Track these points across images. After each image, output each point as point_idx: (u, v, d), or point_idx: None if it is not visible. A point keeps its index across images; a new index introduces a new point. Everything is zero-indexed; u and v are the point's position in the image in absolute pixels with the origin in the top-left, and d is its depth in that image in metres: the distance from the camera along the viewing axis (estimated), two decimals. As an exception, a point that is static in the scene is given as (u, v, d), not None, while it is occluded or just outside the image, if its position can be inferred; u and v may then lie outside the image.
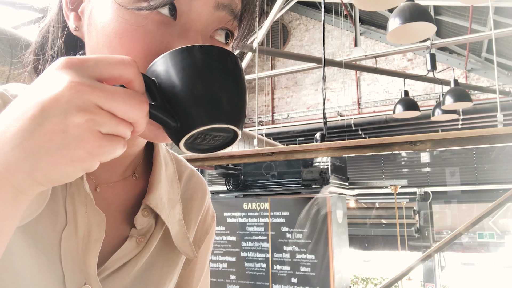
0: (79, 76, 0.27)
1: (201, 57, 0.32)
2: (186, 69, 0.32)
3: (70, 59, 0.28)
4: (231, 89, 0.33)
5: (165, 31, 0.37)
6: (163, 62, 0.33)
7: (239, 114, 0.34)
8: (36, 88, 0.27)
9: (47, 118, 0.26)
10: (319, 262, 3.98)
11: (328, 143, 1.94)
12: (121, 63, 0.29)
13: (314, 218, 4.10)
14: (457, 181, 7.28)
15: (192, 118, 0.32)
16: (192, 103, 0.32)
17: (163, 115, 0.32)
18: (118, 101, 0.28)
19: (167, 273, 0.51)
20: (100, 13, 0.38)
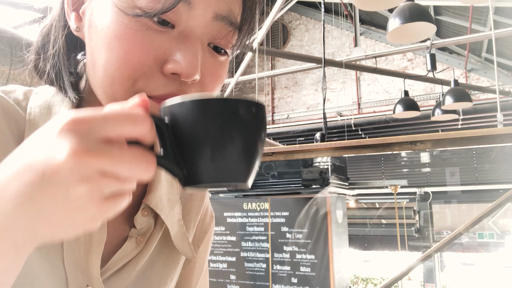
0: (83, 143, 0.25)
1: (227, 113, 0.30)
2: (206, 122, 0.30)
3: (75, 121, 0.26)
4: (249, 148, 0.32)
5: (164, 37, 0.37)
6: (183, 106, 0.30)
7: (252, 171, 0.33)
8: (38, 150, 0.26)
9: (48, 186, 0.25)
10: (319, 262, 3.98)
11: (328, 143, 1.93)
12: (133, 121, 0.28)
13: (314, 218, 4.09)
14: (457, 181, 7.28)
15: (200, 173, 0.31)
16: (204, 159, 0.30)
17: (171, 166, 0.31)
18: (124, 166, 0.27)
19: (168, 272, 0.52)
20: (101, 15, 0.38)
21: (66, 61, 0.44)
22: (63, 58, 0.44)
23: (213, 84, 0.42)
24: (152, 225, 0.49)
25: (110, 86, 0.38)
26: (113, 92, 0.39)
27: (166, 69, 0.37)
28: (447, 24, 7.39)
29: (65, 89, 0.44)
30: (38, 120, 0.42)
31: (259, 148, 0.33)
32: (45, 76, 0.45)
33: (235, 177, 0.31)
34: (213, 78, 0.42)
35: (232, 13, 0.40)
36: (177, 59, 0.37)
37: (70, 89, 0.44)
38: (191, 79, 0.38)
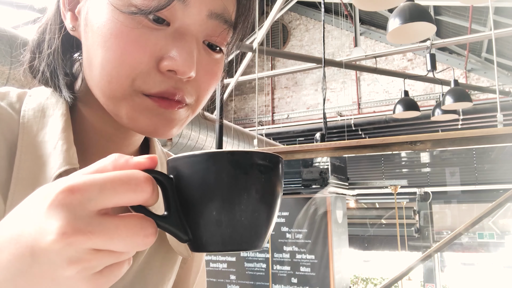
0: (74, 220, 0.23)
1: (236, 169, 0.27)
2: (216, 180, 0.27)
3: (67, 192, 0.24)
4: (264, 211, 0.29)
5: (160, 35, 0.38)
6: (191, 161, 0.28)
7: (264, 237, 0.30)
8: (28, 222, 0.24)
9: (36, 265, 0.24)
10: (319, 262, 3.98)
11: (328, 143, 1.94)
12: (131, 189, 0.25)
13: (314, 218, 4.09)
14: (457, 181, 7.28)
15: (208, 240, 0.28)
16: (213, 223, 0.27)
17: (174, 229, 0.28)
18: (118, 242, 0.25)
19: (165, 272, 0.52)
20: (96, 14, 0.38)
21: (62, 61, 0.44)
22: (58, 58, 0.44)
23: (208, 82, 0.42)
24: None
25: (108, 84, 0.38)
26: (110, 90, 0.39)
27: (162, 66, 0.37)
28: (447, 24, 7.39)
29: (60, 88, 0.44)
30: (32, 124, 0.42)
31: (275, 209, 0.30)
32: (40, 75, 0.45)
33: (246, 244, 0.29)
34: (208, 75, 0.42)
35: (226, 10, 0.40)
36: (172, 56, 0.37)
37: (65, 88, 0.43)
38: (187, 76, 0.38)
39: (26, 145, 0.40)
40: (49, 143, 0.41)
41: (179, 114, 0.41)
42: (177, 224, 0.28)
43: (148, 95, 0.39)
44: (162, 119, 0.40)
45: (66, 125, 0.42)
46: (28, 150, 0.40)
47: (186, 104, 0.41)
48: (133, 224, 0.25)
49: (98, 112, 0.44)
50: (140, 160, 0.27)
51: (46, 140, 0.41)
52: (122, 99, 0.39)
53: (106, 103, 0.40)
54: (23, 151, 0.40)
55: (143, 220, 0.26)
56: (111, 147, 0.47)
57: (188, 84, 0.40)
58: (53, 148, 0.40)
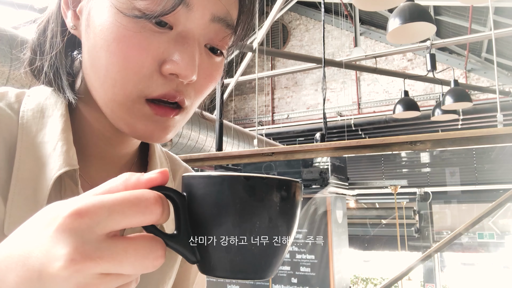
0: (83, 244, 0.23)
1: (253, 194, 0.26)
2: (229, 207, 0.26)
3: (76, 215, 0.23)
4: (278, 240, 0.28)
5: (162, 38, 0.38)
6: (206, 182, 0.27)
7: (275, 267, 0.29)
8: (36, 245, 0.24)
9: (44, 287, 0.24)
10: (319, 262, 3.98)
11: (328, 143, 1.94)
12: (141, 211, 0.25)
13: (314, 218, 4.09)
14: (457, 181, 7.27)
15: (215, 264, 0.27)
16: (221, 249, 0.27)
17: (183, 250, 0.28)
18: (126, 266, 0.24)
19: (166, 271, 0.52)
20: (99, 16, 0.38)
21: (64, 61, 0.44)
22: (61, 58, 0.44)
23: (207, 85, 0.42)
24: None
25: (112, 88, 0.39)
26: (114, 94, 0.39)
27: (164, 70, 0.38)
28: (447, 24, 7.39)
29: (63, 89, 0.43)
30: (31, 124, 0.42)
31: (289, 239, 0.28)
32: (42, 75, 0.44)
33: (255, 274, 0.27)
34: (207, 79, 0.42)
35: (229, 15, 0.40)
36: (175, 59, 0.37)
37: (69, 89, 0.43)
38: (188, 80, 0.38)
39: (26, 146, 0.40)
40: (48, 144, 0.41)
41: (174, 120, 0.41)
42: (186, 244, 0.28)
43: (150, 98, 0.39)
44: (158, 126, 0.40)
45: (66, 126, 0.42)
46: (27, 151, 0.40)
47: (183, 108, 0.41)
48: (142, 247, 0.25)
49: (98, 112, 0.44)
50: (152, 176, 0.27)
51: (45, 141, 0.41)
52: (123, 103, 0.39)
53: (105, 106, 0.40)
54: (22, 152, 0.40)
55: (152, 242, 0.26)
56: (110, 148, 0.47)
57: (188, 87, 0.40)
58: (53, 149, 0.40)
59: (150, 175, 0.27)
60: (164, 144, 3.95)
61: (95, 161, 0.47)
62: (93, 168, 0.47)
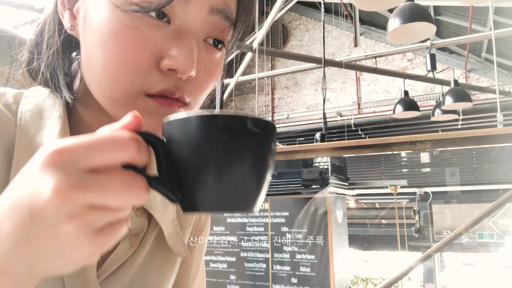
0: (66, 176, 0.24)
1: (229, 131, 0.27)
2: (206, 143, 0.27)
3: (56, 153, 0.25)
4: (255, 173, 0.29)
5: (160, 33, 0.37)
6: (181, 124, 0.28)
7: (256, 200, 0.30)
8: (23, 187, 0.25)
9: (38, 226, 0.25)
10: (319, 262, 3.98)
11: (328, 143, 1.94)
12: (118, 147, 0.26)
13: (314, 218, 4.09)
14: (457, 181, 7.27)
15: (197, 200, 0.28)
16: (202, 183, 0.28)
17: (165, 190, 0.29)
18: (111, 196, 0.25)
19: (165, 272, 0.52)
20: (95, 13, 0.38)
21: (62, 61, 0.44)
22: (58, 58, 0.43)
23: (207, 81, 0.42)
24: (145, 226, 0.49)
25: (109, 85, 0.38)
26: (111, 91, 0.38)
27: (162, 65, 0.37)
28: (447, 24, 7.39)
29: (60, 89, 0.43)
30: (29, 125, 0.42)
31: (266, 173, 0.30)
32: (40, 76, 0.44)
33: (238, 205, 0.29)
34: (207, 75, 0.42)
35: (228, 7, 0.40)
36: (173, 55, 0.37)
37: (65, 88, 0.43)
38: (187, 75, 0.38)
39: (24, 147, 0.40)
40: None
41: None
42: (168, 184, 0.29)
43: (149, 95, 0.38)
44: (161, 121, 0.40)
45: (64, 128, 0.42)
46: (25, 153, 0.40)
47: (185, 104, 0.41)
48: (124, 178, 0.26)
49: (96, 113, 0.44)
50: (127, 121, 0.28)
51: (43, 142, 0.41)
52: (124, 100, 0.38)
53: (106, 104, 0.40)
54: (20, 153, 0.40)
55: (134, 176, 0.27)
56: None
57: (188, 83, 0.40)
58: None
59: (125, 120, 0.28)
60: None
61: None
62: None
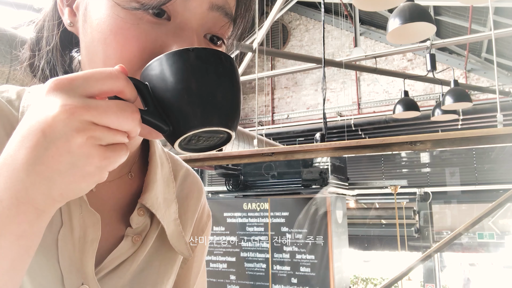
0: (70, 98, 0.28)
1: (194, 60, 0.32)
2: (178, 73, 0.32)
3: (58, 81, 0.28)
4: (224, 92, 0.33)
5: (160, 30, 0.38)
6: (156, 65, 0.33)
7: (232, 116, 0.34)
8: (33, 114, 0.28)
9: (51, 143, 0.27)
10: (319, 262, 3.98)
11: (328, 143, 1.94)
12: (109, 77, 0.30)
13: (314, 218, 4.09)
14: (457, 181, 7.27)
15: (184, 122, 0.32)
16: (184, 107, 0.32)
17: (155, 120, 0.33)
18: (111, 116, 0.29)
19: (165, 272, 0.52)
20: (95, 10, 0.38)
21: (61, 57, 0.44)
22: (57, 54, 0.44)
23: None
24: (148, 225, 0.49)
25: None
26: None
27: None
28: (447, 24, 7.39)
29: None
30: None
31: (233, 90, 0.34)
32: (40, 73, 0.45)
33: (217, 121, 0.33)
34: None
35: (227, 3, 0.40)
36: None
37: None
38: None
39: None
40: None
41: None
42: (156, 115, 0.33)
43: None
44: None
45: None
46: None
47: None
48: (120, 103, 0.30)
49: None
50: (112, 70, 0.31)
51: None
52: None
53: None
54: None
55: (128, 103, 0.30)
56: None
57: None
58: None
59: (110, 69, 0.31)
60: (165, 144, 3.95)
61: None
62: None
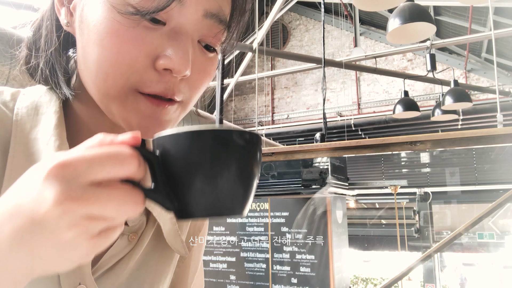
0: (68, 189, 0.25)
1: (217, 145, 0.30)
2: (197, 155, 0.29)
3: (60, 166, 0.25)
4: (243, 181, 0.31)
5: (156, 34, 0.38)
6: (174, 139, 0.30)
7: (245, 203, 0.32)
8: (26, 194, 0.26)
9: (38, 232, 0.26)
10: (319, 262, 3.98)
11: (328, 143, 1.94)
12: (118, 162, 0.27)
13: (314, 218, 4.09)
14: (457, 181, 7.27)
15: (192, 207, 0.31)
16: (196, 192, 0.30)
17: (161, 200, 0.31)
18: (110, 209, 0.27)
19: (162, 270, 0.52)
20: (93, 11, 0.38)
21: (60, 57, 0.44)
22: (57, 55, 0.44)
23: (201, 80, 0.43)
24: (144, 223, 0.50)
25: (103, 82, 0.39)
26: (105, 88, 0.39)
27: (158, 65, 0.38)
28: (447, 24, 7.39)
29: (60, 85, 0.44)
30: (25, 121, 0.42)
31: (253, 180, 0.32)
32: (38, 73, 0.45)
33: (228, 210, 0.31)
34: (201, 74, 0.42)
35: (222, 11, 0.40)
36: (168, 55, 0.37)
37: (65, 85, 0.43)
38: (182, 75, 0.38)
39: (19, 142, 0.41)
40: (41, 140, 0.41)
41: (170, 114, 0.41)
42: (163, 195, 0.31)
43: (144, 93, 0.39)
44: (153, 119, 0.40)
45: (59, 122, 0.42)
46: (20, 148, 0.41)
47: (177, 102, 0.41)
48: (123, 192, 0.27)
49: (92, 110, 0.44)
50: (125, 139, 0.29)
51: (38, 137, 0.42)
52: (116, 97, 0.39)
53: (100, 100, 0.41)
54: (16, 148, 0.40)
55: (132, 190, 0.28)
56: None
57: (182, 82, 0.40)
58: (46, 145, 0.41)
59: (124, 137, 0.29)
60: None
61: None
62: None
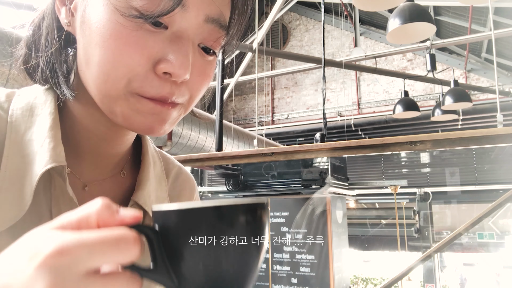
0: (61, 282, 0.23)
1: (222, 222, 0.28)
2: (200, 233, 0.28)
3: (57, 254, 0.24)
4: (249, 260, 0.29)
5: (157, 37, 0.38)
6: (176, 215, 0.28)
7: (249, 281, 0.30)
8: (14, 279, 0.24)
9: None
10: (319, 262, 3.98)
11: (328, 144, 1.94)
12: (120, 250, 0.25)
13: (313, 218, 4.09)
14: (457, 181, 7.27)
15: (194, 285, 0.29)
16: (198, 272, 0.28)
17: (160, 279, 0.29)
18: None
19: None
20: (95, 13, 0.38)
21: (60, 57, 0.44)
22: (57, 55, 0.44)
23: (200, 83, 0.43)
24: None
25: (104, 83, 0.39)
26: (106, 89, 0.39)
27: (158, 69, 0.38)
28: (447, 24, 7.39)
29: (60, 86, 0.44)
30: (20, 122, 0.42)
31: (260, 259, 0.30)
32: (38, 73, 0.44)
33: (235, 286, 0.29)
34: (201, 77, 0.42)
35: (222, 16, 0.41)
36: (169, 59, 0.38)
37: (65, 85, 0.43)
38: (182, 79, 0.39)
39: (13, 144, 0.41)
40: (36, 142, 0.41)
41: (172, 114, 0.41)
42: (164, 275, 0.29)
43: (144, 97, 0.39)
44: (156, 118, 0.40)
45: (54, 124, 0.42)
46: (15, 149, 0.41)
47: (178, 104, 0.42)
48: (120, 281, 0.26)
49: (90, 110, 0.44)
50: (125, 218, 0.28)
51: (33, 138, 0.42)
52: (117, 98, 0.39)
53: (101, 101, 0.41)
54: (10, 150, 0.40)
55: (130, 279, 0.27)
56: (103, 146, 0.47)
57: (182, 86, 0.40)
58: (40, 146, 0.41)
59: (124, 215, 0.28)
60: (164, 144, 3.95)
61: (88, 159, 0.47)
62: (86, 166, 0.47)
